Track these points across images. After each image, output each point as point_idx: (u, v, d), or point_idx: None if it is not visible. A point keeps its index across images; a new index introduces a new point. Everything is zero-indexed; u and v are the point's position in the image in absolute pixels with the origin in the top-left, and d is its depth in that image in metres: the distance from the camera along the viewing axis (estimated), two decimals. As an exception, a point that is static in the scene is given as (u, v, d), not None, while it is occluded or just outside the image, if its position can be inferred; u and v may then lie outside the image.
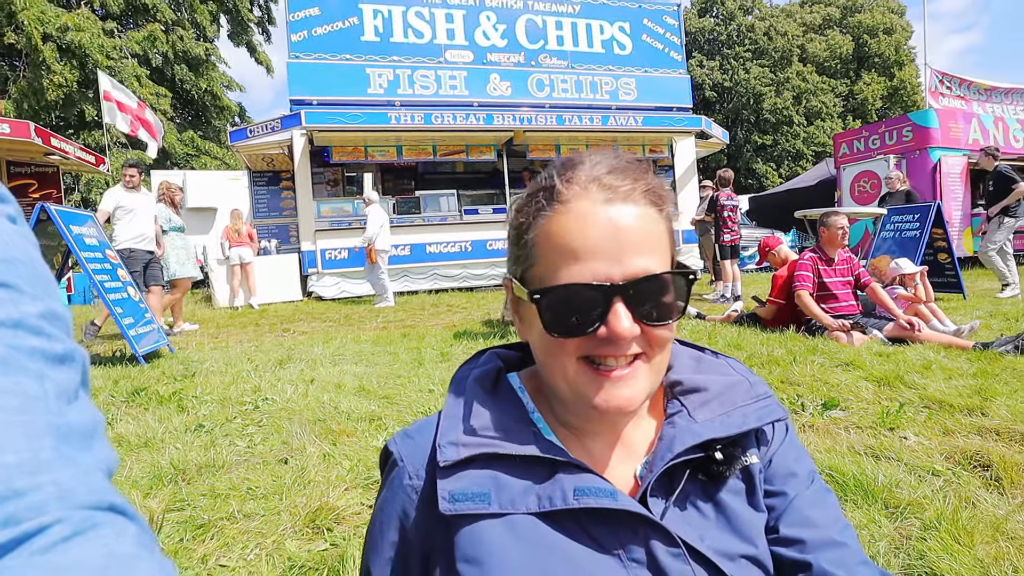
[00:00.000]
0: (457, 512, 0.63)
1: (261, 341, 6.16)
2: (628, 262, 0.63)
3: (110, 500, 0.43)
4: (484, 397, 0.72)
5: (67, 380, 0.47)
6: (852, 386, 3.34)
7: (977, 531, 1.61)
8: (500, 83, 12.75)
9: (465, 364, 0.80)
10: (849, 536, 0.72)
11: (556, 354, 0.66)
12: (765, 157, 34.84)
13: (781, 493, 0.73)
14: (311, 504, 2.18)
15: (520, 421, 0.70)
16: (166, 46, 19.41)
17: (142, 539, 0.43)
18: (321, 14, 11.65)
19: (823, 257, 5.20)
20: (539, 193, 0.68)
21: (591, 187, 0.65)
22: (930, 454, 2.27)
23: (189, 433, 3.06)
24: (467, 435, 0.67)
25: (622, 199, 0.65)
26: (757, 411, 0.73)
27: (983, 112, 14.61)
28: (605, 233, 0.63)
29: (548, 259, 0.66)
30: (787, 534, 0.71)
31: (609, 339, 0.63)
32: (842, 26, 37.51)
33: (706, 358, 0.81)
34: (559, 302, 0.64)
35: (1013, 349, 3.94)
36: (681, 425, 0.71)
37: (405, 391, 3.73)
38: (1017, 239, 13.78)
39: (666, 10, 14.35)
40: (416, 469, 0.69)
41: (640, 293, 0.63)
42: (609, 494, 0.64)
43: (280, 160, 12.99)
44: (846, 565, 0.68)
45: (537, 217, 0.67)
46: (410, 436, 0.73)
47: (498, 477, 0.65)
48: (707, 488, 0.70)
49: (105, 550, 0.39)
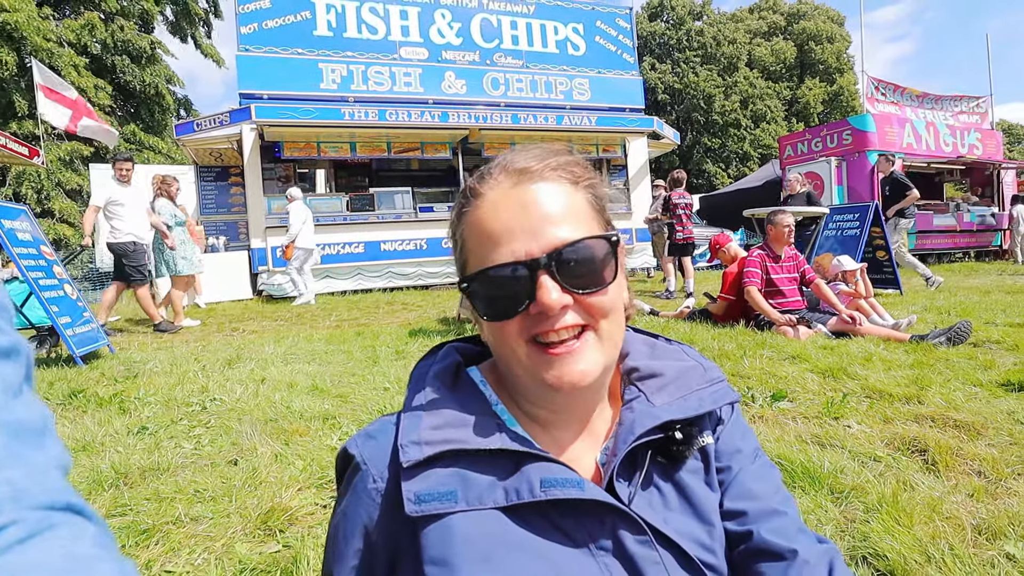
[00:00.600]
0: (423, 513, 0.61)
1: (208, 341, 5.96)
2: (545, 236, 0.64)
3: (67, 499, 0.42)
4: (445, 392, 0.71)
5: (11, 374, 0.46)
6: (799, 378, 3.45)
7: (916, 512, 1.69)
8: (455, 81, 12.70)
9: (423, 360, 0.78)
10: (789, 506, 0.75)
11: (504, 340, 0.66)
12: (714, 158, 35.74)
13: (727, 468, 0.75)
14: (263, 505, 2.12)
15: (483, 414, 0.69)
16: (105, 35, 18.53)
17: (101, 539, 0.42)
18: (272, 7, 11.37)
19: (770, 254, 5.36)
20: (461, 198, 0.72)
21: (500, 176, 0.69)
22: (872, 441, 2.37)
23: (131, 436, 2.94)
24: (430, 432, 0.65)
25: (530, 180, 0.67)
26: (712, 394, 0.75)
27: (915, 118, 15.33)
28: (517, 213, 0.65)
29: (473, 251, 0.68)
30: (730, 507, 0.73)
31: (543, 313, 0.63)
32: (787, 33, 38.85)
33: (660, 344, 0.82)
34: (485, 286, 0.66)
35: (946, 341, 4.15)
36: (640, 409, 0.71)
37: (360, 389, 3.67)
38: (945, 238, 14.57)
39: (618, 13, 14.56)
40: (379, 471, 0.67)
41: (562, 262, 0.63)
42: (576, 484, 0.63)
43: (229, 155, 12.61)
44: (785, 533, 0.71)
45: (461, 216, 0.70)
46: (371, 437, 0.70)
47: (464, 474, 0.64)
48: (667, 470, 0.71)
49: (63, 551, 0.38)
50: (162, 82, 20.91)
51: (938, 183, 16.76)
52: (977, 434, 2.38)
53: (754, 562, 0.71)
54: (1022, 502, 1.74)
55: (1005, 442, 2.29)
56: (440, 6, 12.81)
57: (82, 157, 17.87)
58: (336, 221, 11.01)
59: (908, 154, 14.25)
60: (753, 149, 35.35)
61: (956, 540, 1.55)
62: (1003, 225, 15.01)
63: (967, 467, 2.07)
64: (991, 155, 15.97)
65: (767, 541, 0.70)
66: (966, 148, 15.50)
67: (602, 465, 0.71)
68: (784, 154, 15.90)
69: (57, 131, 16.18)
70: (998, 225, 15.21)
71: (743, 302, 5.38)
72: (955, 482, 1.94)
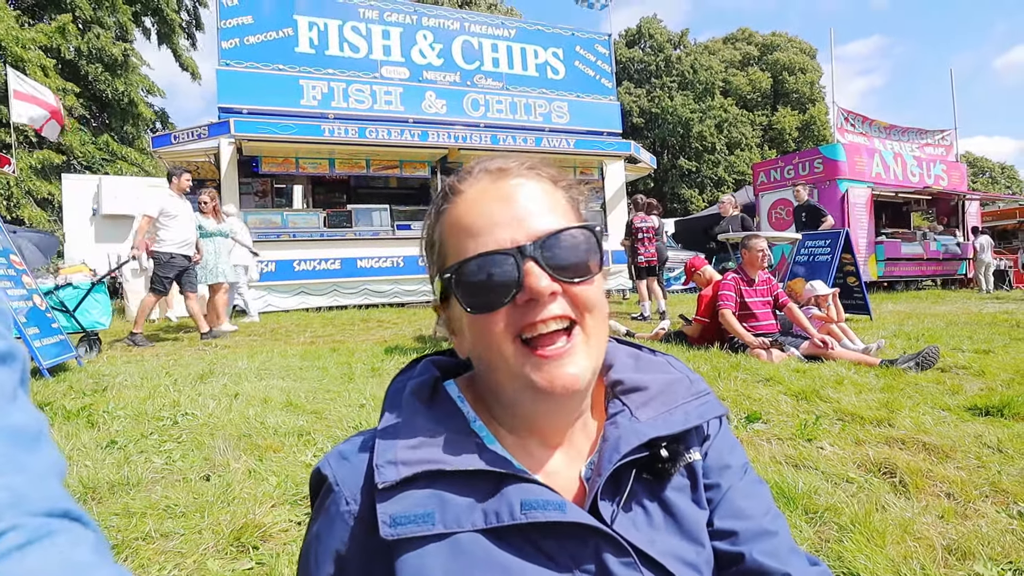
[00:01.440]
0: (399, 536, 0.59)
1: (180, 355, 5.84)
2: (530, 225, 0.64)
3: (65, 506, 0.42)
4: (422, 409, 0.68)
5: (7, 380, 0.46)
6: (772, 400, 3.50)
7: (888, 532, 1.72)
8: (436, 101, 12.78)
9: (400, 375, 0.76)
10: (780, 525, 0.73)
11: (490, 341, 0.64)
12: (689, 183, 36.40)
13: (715, 485, 0.74)
14: (236, 521, 2.08)
15: (461, 432, 0.67)
16: (79, 41, 18.23)
17: (99, 547, 0.42)
18: (254, 23, 11.37)
19: (744, 278, 5.46)
20: (438, 197, 0.71)
21: (481, 175, 0.69)
22: (844, 463, 2.41)
23: (100, 450, 2.86)
24: (406, 452, 0.63)
25: (510, 176, 0.68)
26: (698, 408, 0.72)
27: (884, 148, 15.83)
28: (500, 205, 0.65)
29: (454, 247, 0.67)
30: (721, 526, 0.72)
31: (532, 301, 0.62)
32: (761, 63, 40.00)
33: (644, 356, 0.81)
34: (471, 275, 0.64)
35: (915, 366, 4.26)
36: (624, 425, 0.69)
37: (335, 406, 3.63)
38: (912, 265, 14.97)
39: (597, 39, 14.85)
40: (352, 493, 0.64)
41: (549, 250, 0.63)
42: (557, 506, 0.61)
43: (206, 168, 12.47)
44: (777, 554, 0.70)
45: (439, 215, 0.70)
46: (345, 457, 0.68)
47: (442, 495, 0.61)
48: (652, 487, 0.69)
49: (61, 558, 0.38)
50: (137, 92, 20.63)
51: (905, 212, 17.29)
52: (946, 457, 2.44)
53: None
54: (991, 523, 1.78)
55: (973, 465, 2.34)
56: (422, 27, 12.94)
57: (53, 166, 17.51)
58: (313, 237, 10.94)
59: (877, 183, 14.69)
60: (728, 175, 36.10)
61: (927, 560, 1.58)
62: (968, 254, 15.48)
63: (936, 489, 2.11)
64: (956, 186, 16.53)
65: (760, 563, 0.69)
66: (932, 179, 16.02)
67: (586, 480, 0.69)
68: (757, 180, 16.26)
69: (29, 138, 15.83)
70: (963, 254, 15.69)
71: (717, 324, 5.46)
72: (925, 503, 1.98)
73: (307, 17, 11.89)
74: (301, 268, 10.58)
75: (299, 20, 11.81)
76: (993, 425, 2.85)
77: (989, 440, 2.61)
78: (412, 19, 12.88)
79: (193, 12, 23.83)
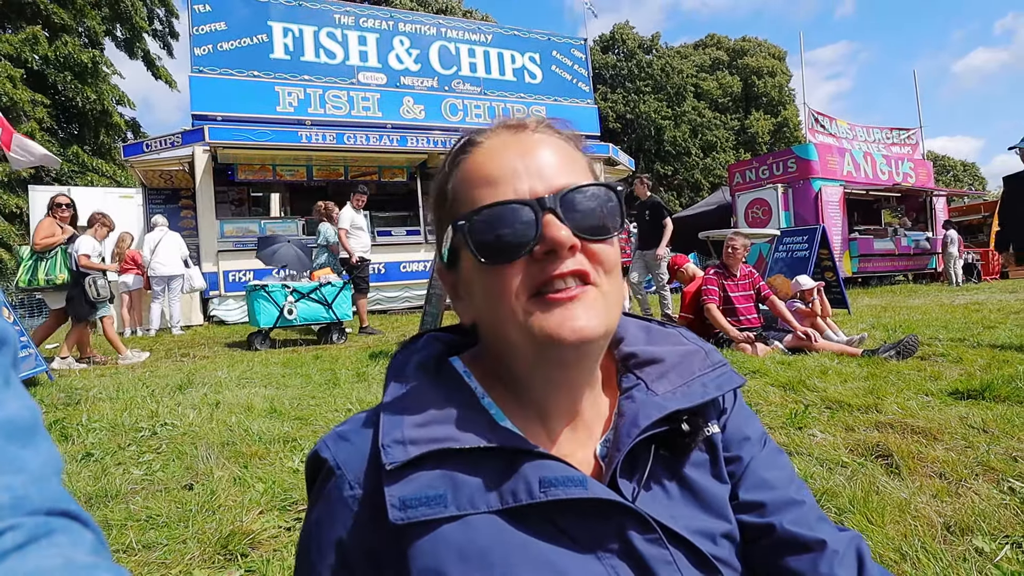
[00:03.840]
0: (410, 520, 0.55)
1: (157, 367, 5.71)
2: (550, 177, 0.61)
3: (64, 505, 0.41)
4: (429, 385, 0.65)
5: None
6: (761, 392, 3.52)
7: (887, 512, 1.72)
8: (414, 106, 12.76)
9: (402, 350, 0.71)
10: (806, 494, 0.71)
11: (503, 298, 0.61)
12: (666, 186, 36.74)
13: (737, 458, 0.71)
14: (222, 530, 2.01)
15: (472, 409, 0.63)
16: (48, 50, 17.82)
17: (98, 546, 0.41)
18: (228, 29, 11.26)
19: (726, 273, 5.50)
20: (455, 149, 0.69)
21: (500, 129, 0.67)
22: (836, 448, 2.42)
23: (75, 463, 2.77)
24: (414, 431, 0.59)
25: (532, 130, 0.66)
26: (716, 379, 0.70)
27: (854, 148, 16.14)
28: (520, 156, 0.63)
29: (469, 196, 0.63)
30: (746, 499, 0.69)
31: (551, 253, 0.59)
32: (731, 68, 40.61)
33: (655, 328, 0.78)
34: (487, 224, 0.60)
35: (895, 355, 4.32)
36: (641, 399, 0.67)
37: (320, 411, 3.57)
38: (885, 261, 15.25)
39: (573, 43, 14.98)
40: (356, 476, 0.60)
41: (569, 204, 0.60)
42: (579, 483, 0.58)
43: (180, 177, 12.28)
44: (807, 522, 0.67)
45: (454, 166, 0.67)
46: (345, 438, 0.64)
47: (453, 476, 0.58)
48: (671, 464, 0.67)
49: (62, 557, 0.37)
50: (110, 101, 20.25)
51: (876, 209, 17.63)
52: (934, 439, 2.46)
53: (779, 556, 0.67)
54: (985, 500, 1.80)
55: (961, 445, 2.37)
56: (399, 33, 12.92)
57: (20, 179, 17.10)
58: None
59: (849, 181, 14.97)
60: (704, 177, 36.49)
61: (928, 537, 1.58)
62: (937, 249, 15.83)
63: (929, 469, 2.12)
64: (923, 183, 16.92)
65: (791, 532, 0.66)
66: (901, 177, 16.37)
67: (601, 459, 0.66)
68: (733, 181, 16.47)
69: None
70: (933, 249, 16.04)
71: (702, 320, 5.48)
72: (919, 484, 1.99)
73: (282, 23, 11.80)
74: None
75: (274, 26, 11.71)
76: (976, 407, 2.89)
77: (974, 421, 2.64)
78: (388, 25, 12.86)
79: (166, 20, 23.45)
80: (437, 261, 0.70)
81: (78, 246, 6.06)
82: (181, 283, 9.13)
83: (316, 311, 7.11)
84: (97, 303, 6.12)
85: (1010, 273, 17.84)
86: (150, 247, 9.03)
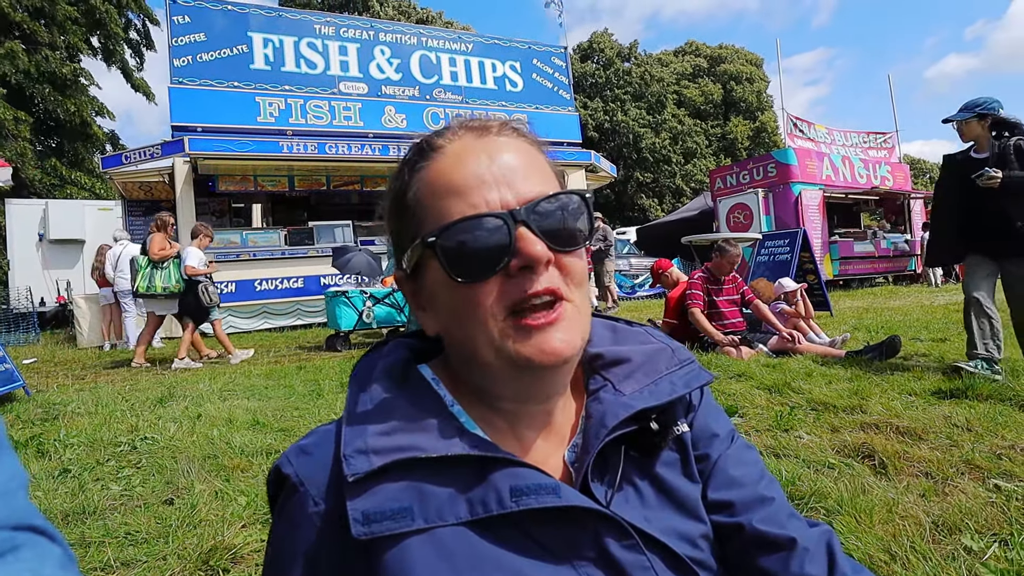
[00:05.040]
0: (374, 535, 0.52)
1: (137, 381, 5.61)
2: (519, 188, 0.59)
3: (30, 520, 0.40)
4: (395, 392, 0.61)
5: None
6: (747, 394, 3.53)
7: (875, 512, 1.72)
8: (395, 115, 12.74)
9: (367, 355, 0.68)
10: (775, 490, 0.70)
11: (475, 316, 0.58)
12: (648, 193, 37.01)
13: (705, 456, 0.70)
14: (203, 545, 1.96)
15: (440, 416, 0.60)
16: (29, 65, 17.55)
17: (66, 561, 0.40)
18: (207, 40, 11.18)
19: (711, 277, 5.52)
20: (412, 155, 0.65)
21: (461, 131, 0.64)
22: (823, 449, 2.42)
23: (52, 479, 2.69)
24: (378, 439, 0.56)
25: (495, 133, 0.63)
26: (684, 377, 0.69)
27: (832, 152, 16.36)
28: (486, 163, 0.59)
29: (434, 208, 0.60)
30: (715, 498, 0.68)
31: (525, 268, 0.56)
32: (711, 75, 41.13)
33: (621, 327, 0.76)
34: (459, 239, 0.57)
35: (878, 356, 4.35)
36: (608, 399, 0.65)
37: (304, 422, 3.52)
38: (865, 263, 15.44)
39: (554, 52, 15.07)
40: (319, 491, 0.57)
41: (541, 215, 0.58)
42: (551, 490, 0.56)
43: (160, 188, 12.15)
44: (777, 520, 0.66)
45: (414, 173, 0.63)
46: (306, 452, 0.60)
47: (420, 487, 0.55)
48: (642, 465, 0.65)
49: (29, 573, 0.37)
50: (88, 112, 19.97)
51: (855, 212, 17.87)
52: (919, 438, 2.47)
53: (750, 555, 0.65)
54: (971, 499, 1.80)
55: (945, 444, 2.38)
56: (380, 43, 12.91)
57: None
58: (274, 256, 10.69)
59: (828, 185, 15.15)
60: (685, 183, 36.82)
61: (916, 537, 1.58)
62: (916, 251, 16.06)
63: (915, 469, 2.13)
64: (901, 186, 17.17)
65: (760, 532, 0.65)
66: (879, 180, 16.61)
67: (571, 464, 0.65)
68: (715, 187, 16.61)
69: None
70: (911, 251, 16.27)
71: (687, 324, 5.50)
72: (906, 483, 1.99)
73: (262, 34, 11.74)
74: (263, 288, 10.34)
75: (254, 37, 11.65)
76: (959, 406, 2.91)
77: (958, 420, 2.66)
78: (369, 35, 12.85)
79: (143, 30, 23.19)
80: (397, 270, 0.68)
81: (185, 257, 6.72)
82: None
83: (390, 314, 7.68)
84: (210, 307, 6.84)
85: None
86: (111, 262, 8.85)
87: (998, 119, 3.89)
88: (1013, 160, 3.74)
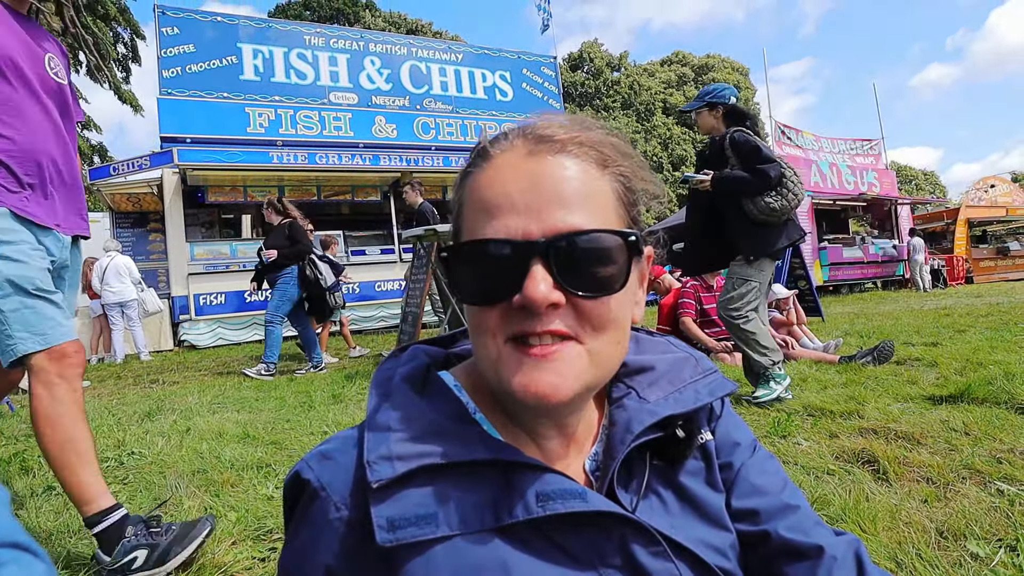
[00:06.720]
0: (399, 542, 0.51)
1: (124, 394, 5.52)
2: (550, 217, 0.54)
3: (13, 537, 0.40)
4: (416, 398, 0.60)
5: None
6: (743, 401, 3.50)
7: (879, 519, 1.69)
8: (386, 125, 12.74)
9: (386, 362, 0.67)
10: (800, 499, 0.69)
11: (481, 334, 0.57)
12: (639, 200, 37.30)
13: (728, 465, 0.69)
14: (192, 562, 1.91)
15: (462, 422, 0.59)
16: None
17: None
18: (196, 51, 11.17)
19: (703, 285, 5.52)
20: (471, 156, 0.63)
21: (517, 140, 0.59)
22: (822, 455, 2.40)
23: (36, 497, 2.62)
24: (402, 446, 0.55)
25: (551, 151, 0.57)
26: (708, 385, 0.68)
27: (820, 159, 16.51)
28: (523, 185, 0.55)
29: (468, 219, 0.58)
30: (739, 507, 0.67)
31: (527, 309, 0.53)
32: (697, 83, 41.56)
33: (643, 337, 0.75)
34: (469, 262, 0.56)
35: (872, 360, 4.35)
36: (632, 406, 0.64)
37: (296, 435, 3.46)
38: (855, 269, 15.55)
39: (543, 61, 15.16)
40: (342, 497, 0.55)
41: (562, 253, 0.53)
42: (578, 495, 0.55)
43: (148, 200, 12.06)
44: (803, 528, 0.65)
45: (465, 177, 0.61)
46: (328, 457, 0.59)
47: (445, 493, 0.54)
48: (666, 473, 0.64)
49: None
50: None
51: (843, 219, 18.02)
52: (918, 443, 2.45)
53: (777, 564, 0.64)
54: (974, 503, 1.78)
55: (945, 449, 2.37)
56: (370, 53, 12.93)
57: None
58: (264, 267, 10.62)
59: (816, 192, 15.27)
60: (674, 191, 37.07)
61: (922, 544, 1.55)
62: (904, 256, 16.20)
63: (915, 474, 2.11)
64: (888, 192, 17.37)
65: (787, 540, 0.64)
66: (866, 186, 16.77)
67: (591, 473, 0.63)
68: (705, 194, 16.68)
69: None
70: (899, 256, 16.41)
71: (679, 333, 5.49)
72: (908, 489, 1.97)
73: (251, 45, 11.74)
74: (253, 299, 10.25)
75: (243, 48, 11.64)
76: (956, 410, 2.90)
77: (956, 424, 2.65)
78: (359, 45, 12.87)
79: (130, 44, 23.09)
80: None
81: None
82: (136, 308, 8.88)
83: None
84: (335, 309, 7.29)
85: (975, 278, 18.32)
86: (98, 274, 8.76)
87: (730, 108, 3.62)
88: (730, 155, 3.48)
